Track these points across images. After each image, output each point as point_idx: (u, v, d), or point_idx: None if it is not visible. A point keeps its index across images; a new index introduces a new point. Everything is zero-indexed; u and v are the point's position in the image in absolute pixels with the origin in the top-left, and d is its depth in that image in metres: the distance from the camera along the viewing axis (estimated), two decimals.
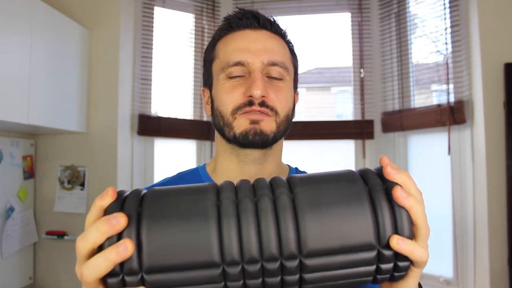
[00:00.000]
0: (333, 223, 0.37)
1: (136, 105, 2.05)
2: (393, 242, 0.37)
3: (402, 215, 0.39)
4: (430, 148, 1.98)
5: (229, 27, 0.66)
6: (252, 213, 0.37)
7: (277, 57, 0.63)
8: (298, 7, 2.26)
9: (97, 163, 1.91)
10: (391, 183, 0.40)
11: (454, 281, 1.79)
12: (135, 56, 2.06)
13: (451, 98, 1.82)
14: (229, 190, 0.39)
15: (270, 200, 0.38)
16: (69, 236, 1.89)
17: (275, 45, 0.64)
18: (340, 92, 5.95)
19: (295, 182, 0.40)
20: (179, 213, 0.37)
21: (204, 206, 0.37)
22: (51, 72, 1.71)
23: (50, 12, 1.70)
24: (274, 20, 0.67)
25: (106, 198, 0.38)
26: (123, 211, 0.37)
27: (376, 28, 2.15)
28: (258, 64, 0.61)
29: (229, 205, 0.38)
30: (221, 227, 0.36)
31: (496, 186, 1.62)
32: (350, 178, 0.41)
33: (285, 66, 0.64)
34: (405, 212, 0.39)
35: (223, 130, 0.64)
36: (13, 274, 1.79)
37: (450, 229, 1.81)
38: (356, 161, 2.14)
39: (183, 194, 0.39)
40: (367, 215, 0.37)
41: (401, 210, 0.39)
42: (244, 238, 0.36)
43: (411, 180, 0.42)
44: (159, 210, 0.37)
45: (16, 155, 1.84)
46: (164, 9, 2.17)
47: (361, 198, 0.38)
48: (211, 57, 0.68)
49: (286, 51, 0.67)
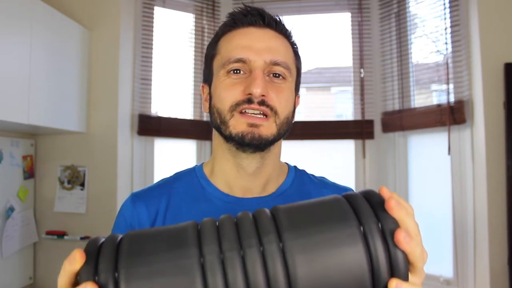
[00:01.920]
0: (327, 273, 0.35)
1: (136, 105, 2.05)
2: (392, 287, 0.36)
3: (399, 258, 0.36)
4: (430, 148, 1.98)
5: (233, 23, 0.64)
6: (240, 271, 0.34)
7: (280, 57, 0.61)
8: (298, 7, 2.26)
9: (97, 163, 1.91)
10: (388, 222, 0.37)
11: (454, 281, 1.79)
12: (135, 56, 2.06)
13: (451, 98, 1.82)
14: (212, 240, 0.36)
15: (259, 252, 0.35)
16: (69, 236, 1.89)
17: (278, 45, 0.63)
18: (340, 92, 5.94)
19: (284, 226, 0.37)
20: (161, 275, 0.34)
21: (188, 266, 0.34)
22: (51, 72, 1.71)
23: (50, 12, 1.70)
24: (279, 19, 0.65)
25: (74, 263, 0.36)
26: (98, 276, 0.34)
27: (376, 28, 2.15)
28: (260, 63, 0.60)
29: (214, 261, 0.34)
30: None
31: (496, 186, 1.62)
32: (342, 216, 0.38)
33: (288, 67, 0.62)
34: (402, 255, 0.36)
35: (220, 128, 0.62)
36: (13, 274, 1.79)
37: (450, 229, 1.81)
38: (356, 161, 2.14)
39: (163, 249, 0.36)
40: (362, 261, 0.35)
41: (398, 253, 0.36)
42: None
43: (410, 215, 0.39)
44: (138, 273, 0.34)
45: (16, 155, 1.84)
46: (164, 9, 2.16)
47: (355, 242, 0.36)
48: (212, 53, 0.66)
49: (290, 52, 0.66)
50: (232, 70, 0.61)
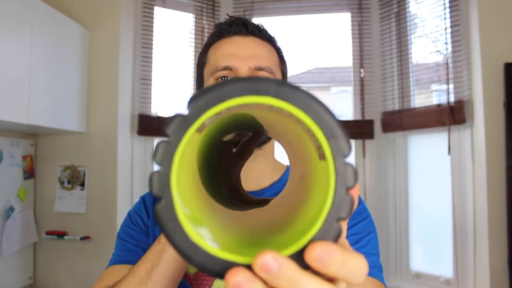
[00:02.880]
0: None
1: (136, 105, 2.05)
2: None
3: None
4: (430, 148, 1.98)
5: (219, 33, 0.68)
6: None
7: (264, 62, 0.65)
8: (298, 7, 2.26)
9: (97, 163, 1.91)
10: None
11: (454, 281, 1.79)
12: (135, 56, 2.06)
13: (451, 98, 1.82)
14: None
15: None
16: (69, 236, 1.89)
17: (262, 51, 0.67)
18: (340, 92, 5.94)
19: None
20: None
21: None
22: (51, 72, 1.71)
23: (50, 12, 1.70)
24: (262, 27, 0.69)
25: None
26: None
27: (376, 28, 2.15)
28: (245, 69, 0.63)
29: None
30: None
31: (496, 186, 1.62)
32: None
33: (272, 71, 0.66)
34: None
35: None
36: (13, 274, 1.79)
37: (450, 229, 1.81)
38: (356, 161, 2.14)
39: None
40: None
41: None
42: None
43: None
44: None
45: (16, 155, 1.84)
46: (164, 9, 2.16)
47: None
48: (202, 62, 0.71)
49: (274, 57, 0.69)
50: (220, 77, 0.65)
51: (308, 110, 0.24)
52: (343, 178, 0.24)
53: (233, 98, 0.24)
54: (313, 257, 0.23)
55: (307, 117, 0.24)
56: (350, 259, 0.24)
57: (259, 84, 0.24)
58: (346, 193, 0.24)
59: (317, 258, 0.23)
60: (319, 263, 0.23)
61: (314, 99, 0.25)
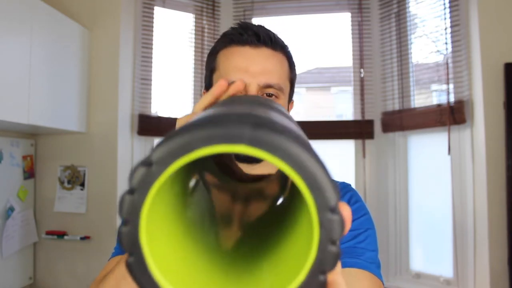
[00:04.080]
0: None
1: (136, 105, 2.05)
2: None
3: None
4: (430, 148, 1.98)
5: (230, 41, 0.68)
6: None
7: (274, 79, 0.65)
8: (298, 7, 2.26)
9: (97, 163, 1.91)
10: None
11: (454, 281, 1.79)
12: (135, 56, 2.06)
13: (451, 98, 1.82)
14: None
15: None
16: (69, 236, 1.89)
17: (273, 65, 0.67)
18: (340, 92, 5.94)
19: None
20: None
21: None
22: (51, 72, 1.71)
23: (50, 12, 1.70)
24: (274, 35, 0.69)
25: (220, 88, 0.48)
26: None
27: (376, 28, 2.15)
28: (254, 87, 0.64)
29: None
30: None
31: (496, 186, 1.62)
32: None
33: (280, 87, 0.66)
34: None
35: None
36: (13, 274, 1.79)
37: (450, 229, 1.81)
38: (356, 161, 2.14)
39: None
40: None
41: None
42: None
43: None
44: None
45: (16, 155, 1.84)
46: (164, 9, 2.16)
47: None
48: (212, 67, 0.71)
49: (284, 67, 0.69)
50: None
51: (289, 159, 0.22)
52: (329, 232, 0.23)
53: (200, 148, 0.22)
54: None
55: (287, 167, 0.22)
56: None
57: (231, 129, 0.21)
58: (331, 246, 0.23)
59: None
60: None
61: (297, 143, 0.22)
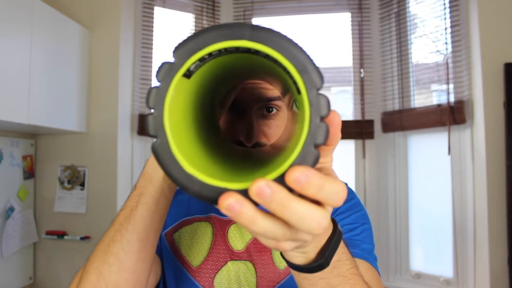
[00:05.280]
0: None
1: (136, 105, 2.05)
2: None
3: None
4: (430, 148, 1.98)
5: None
6: None
7: (274, 92, 0.64)
8: (298, 7, 2.26)
9: (97, 163, 1.91)
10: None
11: (454, 281, 1.79)
12: (135, 56, 2.06)
13: (451, 98, 1.81)
14: None
15: None
16: (69, 236, 1.89)
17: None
18: (340, 92, 5.93)
19: None
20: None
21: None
22: (51, 72, 1.71)
23: (50, 12, 1.70)
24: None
25: None
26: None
27: (376, 28, 2.15)
28: (254, 105, 0.62)
29: None
30: None
31: (496, 186, 1.62)
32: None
33: (281, 98, 0.66)
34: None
35: None
36: (13, 274, 1.79)
37: (450, 229, 1.81)
38: (356, 161, 2.14)
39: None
40: None
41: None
42: None
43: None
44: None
45: (16, 155, 1.84)
46: (164, 9, 2.16)
47: None
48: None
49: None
50: (229, 106, 0.63)
51: (282, 49, 0.27)
52: (317, 108, 0.27)
53: (212, 45, 0.27)
54: (292, 179, 0.25)
55: (281, 55, 0.27)
56: (329, 182, 0.26)
57: (235, 30, 0.27)
58: (321, 121, 0.27)
59: (296, 180, 0.25)
60: (298, 184, 0.25)
61: (287, 39, 0.27)
